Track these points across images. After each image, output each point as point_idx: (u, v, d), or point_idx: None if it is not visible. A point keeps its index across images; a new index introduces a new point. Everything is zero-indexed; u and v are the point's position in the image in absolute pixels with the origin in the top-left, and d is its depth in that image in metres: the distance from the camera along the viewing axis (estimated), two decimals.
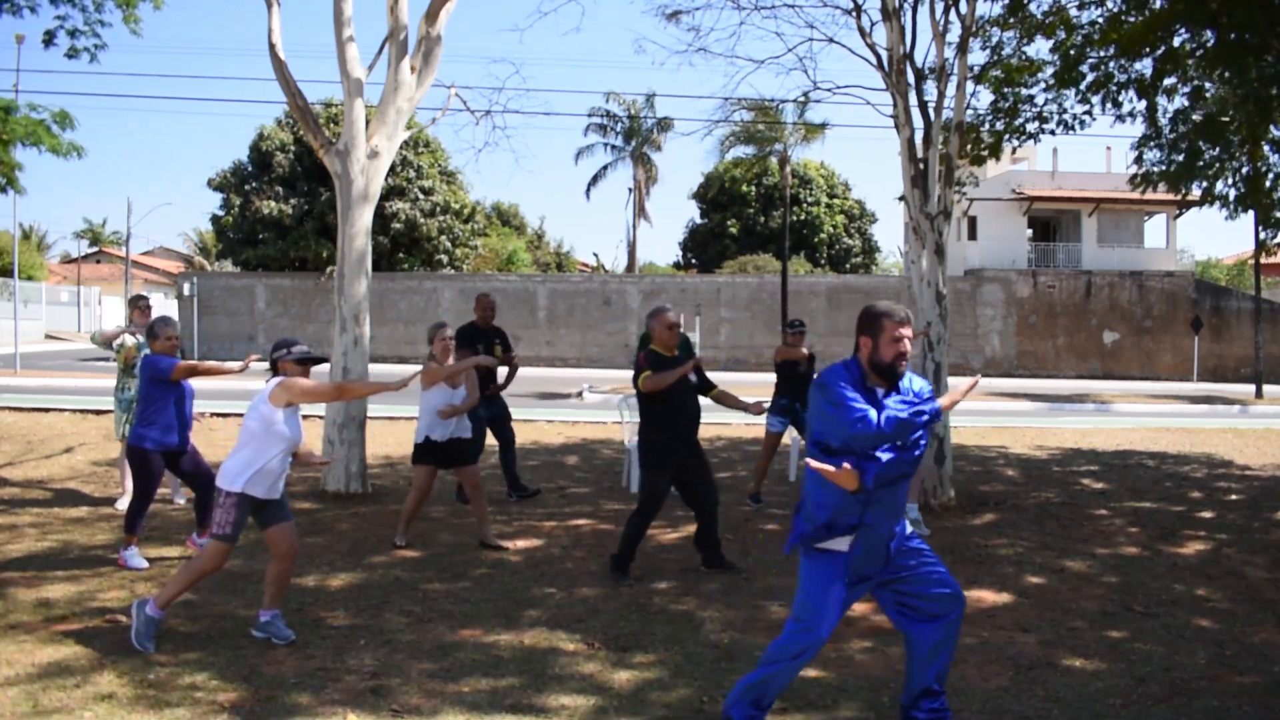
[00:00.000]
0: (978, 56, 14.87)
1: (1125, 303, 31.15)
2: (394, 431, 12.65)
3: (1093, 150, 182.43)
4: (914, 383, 3.72)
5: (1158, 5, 9.57)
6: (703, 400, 6.26)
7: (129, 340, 7.74)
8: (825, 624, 3.66)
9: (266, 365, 5.06)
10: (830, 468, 3.45)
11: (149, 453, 6.17)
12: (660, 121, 43.37)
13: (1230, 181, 11.45)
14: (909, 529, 3.80)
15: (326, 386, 4.85)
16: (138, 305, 7.91)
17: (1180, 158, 10.85)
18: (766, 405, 6.71)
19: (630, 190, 45.06)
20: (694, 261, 46.05)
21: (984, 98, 12.73)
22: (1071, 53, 9.97)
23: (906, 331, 3.61)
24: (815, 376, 3.73)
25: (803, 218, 43.03)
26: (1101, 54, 10.14)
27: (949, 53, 9.24)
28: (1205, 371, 29.92)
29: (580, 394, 20.45)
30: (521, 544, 6.96)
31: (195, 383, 6.56)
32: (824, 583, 3.64)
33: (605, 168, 45.20)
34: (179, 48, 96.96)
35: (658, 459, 6.09)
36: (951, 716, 3.88)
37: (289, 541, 4.86)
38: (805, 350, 8.64)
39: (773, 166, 30.32)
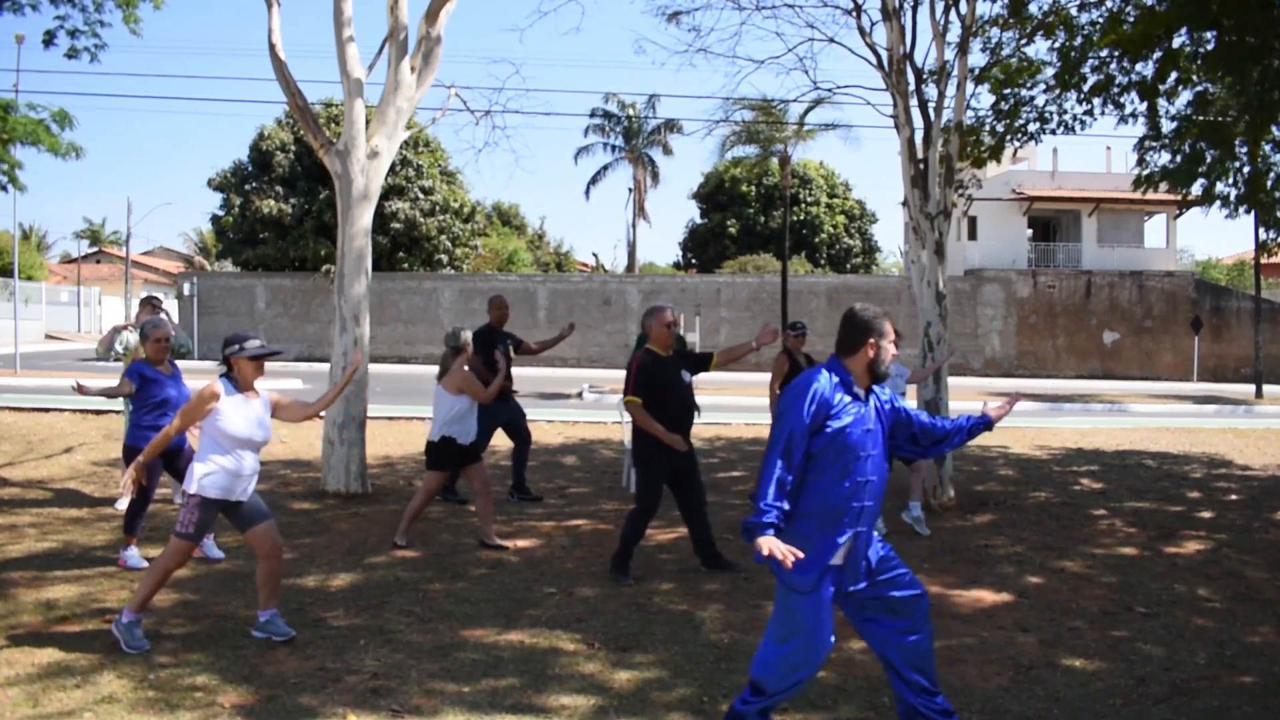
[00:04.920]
0: (978, 58, 14.86)
1: (1125, 303, 31.15)
2: (394, 431, 12.65)
3: (1093, 150, 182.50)
4: (882, 392, 3.78)
5: (1158, 6, 9.56)
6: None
7: (132, 340, 7.75)
8: (824, 646, 3.60)
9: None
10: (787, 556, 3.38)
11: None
12: (667, 123, 43.39)
13: (1231, 181, 11.45)
14: (879, 538, 3.76)
15: (192, 401, 4.77)
16: (150, 304, 7.92)
17: (1180, 159, 10.85)
18: (771, 330, 6.48)
19: (630, 190, 45.10)
20: (694, 261, 46.04)
21: (984, 99, 12.74)
22: (1073, 55, 9.97)
23: (894, 335, 3.72)
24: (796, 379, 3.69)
25: (803, 218, 43.02)
26: (1102, 56, 10.14)
27: (949, 53, 9.25)
28: (1205, 371, 29.92)
29: (580, 394, 20.44)
30: (521, 544, 6.96)
31: (191, 381, 6.57)
32: (816, 603, 3.55)
33: (605, 168, 45.25)
34: (179, 48, 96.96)
35: (652, 458, 6.08)
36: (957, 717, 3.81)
37: (270, 541, 4.83)
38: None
39: (773, 166, 30.29)
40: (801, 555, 3.36)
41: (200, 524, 4.71)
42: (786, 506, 3.46)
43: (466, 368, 6.90)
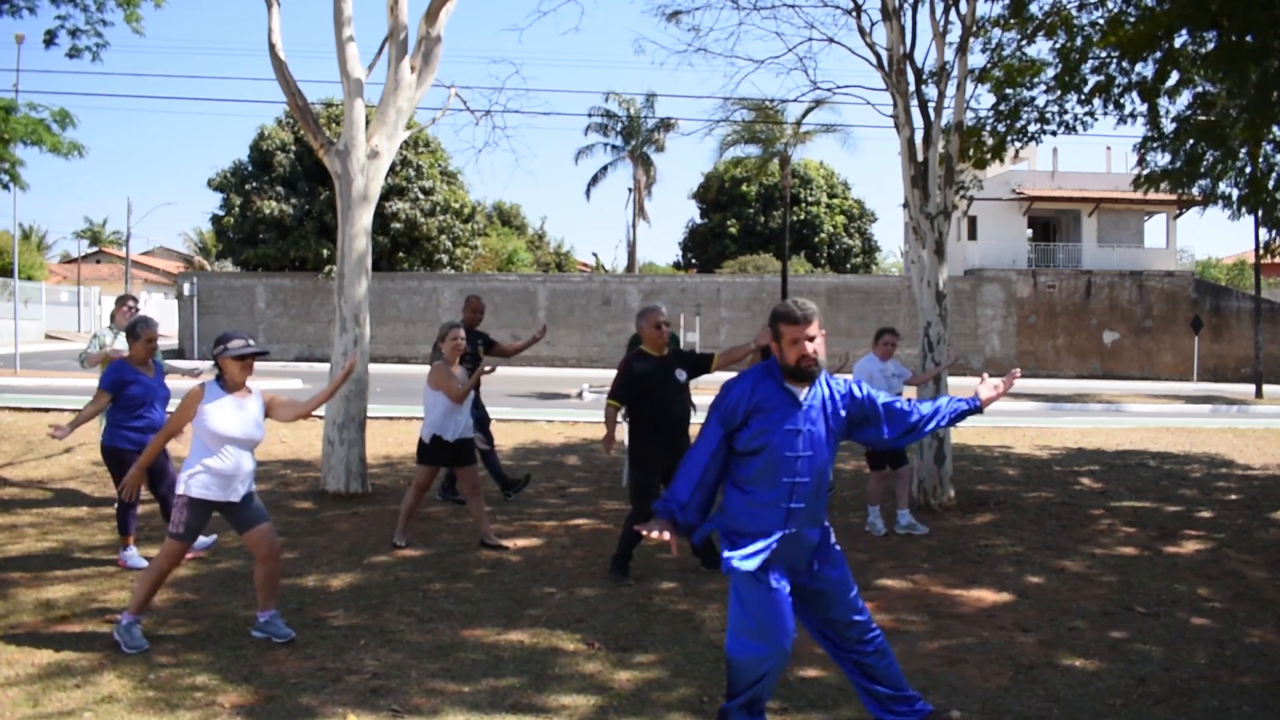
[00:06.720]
0: (978, 58, 14.91)
1: (1125, 303, 31.16)
2: (394, 431, 12.65)
3: (1093, 150, 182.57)
4: (836, 383, 3.68)
5: (1158, 7, 9.57)
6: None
7: (111, 343, 7.68)
8: (785, 638, 3.53)
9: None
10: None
11: (123, 451, 6.10)
12: (663, 122, 43.40)
13: (1232, 181, 11.47)
14: (837, 549, 3.74)
15: (179, 406, 4.76)
16: (124, 304, 7.74)
17: (1181, 162, 10.86)
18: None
19: (630, 190, 45.09)
20: (694, 261, 46.05)
21: (985, 99, 12.74)
22: (1073, 56, 9.97)
23: (809, 331, 3.50)
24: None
25: (803, 218, 43.03)
26: (1103, 56, 10.15)
27: (949, 53, 9.24)
28: (1205, 371, 29.93)
29: (580, 394, 20.44)
30: (521, 544, 6.96)
31: (175, 383, 6.55)
32: (770, 596, 3.52)
33: (605, 168, 45.22)
34: (180, 47, 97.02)
35: (643, 458, 6.08)
36: (933, 709, 3.77)
37: (268, 543, 4.82)
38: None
39: (773, 166, 30.31)
40: (668, 538, 3.51)
41: (191, 524, 4.70)
42: (695, 500, 3.56)
43: (457, 366, 6.89)
